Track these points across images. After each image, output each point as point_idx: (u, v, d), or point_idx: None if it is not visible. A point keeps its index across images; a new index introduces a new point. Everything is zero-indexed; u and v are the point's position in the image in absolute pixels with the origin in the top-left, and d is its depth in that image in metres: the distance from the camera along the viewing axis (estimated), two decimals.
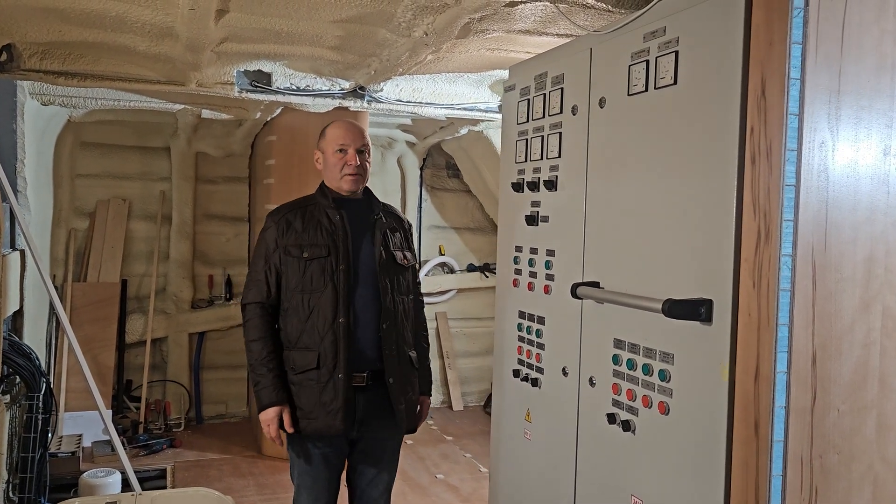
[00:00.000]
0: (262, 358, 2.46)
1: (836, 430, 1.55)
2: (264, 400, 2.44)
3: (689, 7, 1.68)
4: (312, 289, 2.45)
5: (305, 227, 2.50)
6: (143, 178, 5.38)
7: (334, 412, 2.42)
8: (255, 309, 2.50)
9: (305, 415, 2.45)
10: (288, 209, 2.57)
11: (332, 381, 2.42)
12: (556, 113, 2.24)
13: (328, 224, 2.50)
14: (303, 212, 2.54)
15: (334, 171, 2.54)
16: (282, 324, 2.53)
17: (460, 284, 6.11)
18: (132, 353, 5.30)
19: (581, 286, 2.01)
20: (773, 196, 1.45)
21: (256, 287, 2.51)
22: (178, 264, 5.36)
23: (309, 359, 2.44)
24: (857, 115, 1.52)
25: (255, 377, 2.47)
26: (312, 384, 2.44)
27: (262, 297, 2.50)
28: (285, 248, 2.48)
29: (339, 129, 2.57)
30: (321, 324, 2.44)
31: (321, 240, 2.48)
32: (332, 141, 2.56)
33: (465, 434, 5.42)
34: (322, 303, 2.44)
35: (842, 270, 1.53)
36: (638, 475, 1.86)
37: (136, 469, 4.20)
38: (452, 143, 5.61)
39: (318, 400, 2.43)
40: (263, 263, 2.52)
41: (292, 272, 2.48)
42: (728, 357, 1.57)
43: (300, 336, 2.47)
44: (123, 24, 2.97)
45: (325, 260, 2.45)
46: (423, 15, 2.72)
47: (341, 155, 2.53)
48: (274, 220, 2.54)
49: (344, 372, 2.42)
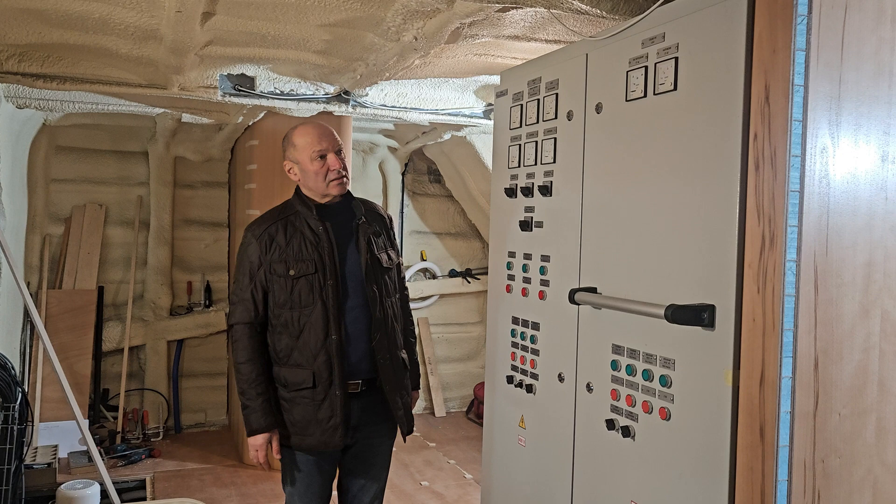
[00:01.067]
0: (251, 381, 2.39)
1: (837, 434, 1.56)
2: (254, 425, 2.38)
3: (689, 14, 1.69)
4: (302, 306, 2.39)
5: (289, 241, 2.41)
6: (120, 183, 5.28)
7: (332, 428, 2.38)
8: (244, 329, 2.42)
9: (300, 430, 2.40)
10: (268, 222, 2.46)
11: (329, 399, 2.38)
12: (551, 118, 2.24)
13: (312, 236, 2.42)
14: (284, 224, 2.44)
15: (317, 179, 2.44)
16: (270, 340, 2.45)
17: (442, 290, 6.09)
18: (109, 362, 5.20)
19: (579, 292, 2.00)
20: (777, 202, 1.46)
21: (243, 306, 2.42)
22: (156, 271, 5.27)
23: (302, 377, 2.39)
24: (857, 121, 1.54)
25: (245, 401, 2.40)
26: (307, 402, 2.39)
27: (250, 316, 2.41)
28: (270, 265, 2.40)
29: (311, 136, 2.44)
30: (313, 342, 2.38)
31: (307, 254, 2.39)
32: (305, 149, 2.43)
33: (448, 440, 5.39)
34: (313, 320, 2.38)
35: (842, 275, 1.54)
36: (638, 481, 1.86)
37: (115, 480, 4.11)
38: (434, 148, 5.60)
39: (314, 417, 2.39)
40: (248, 281, 2.42)
41: (279, 290, 2.40)
42: (731, 362, 1.58)
43: (291, 353, 2.41)
44: (106, 26, 2.92)
45: (313, 276, 2.38)
46: (413, 19, 2.71)
47: (322, 162, 2.42)
48: (255, 236, 2.44)
49: (340, 388, 2.38)
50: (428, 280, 6.07)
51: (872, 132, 1.55)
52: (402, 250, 5.98)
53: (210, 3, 2.65)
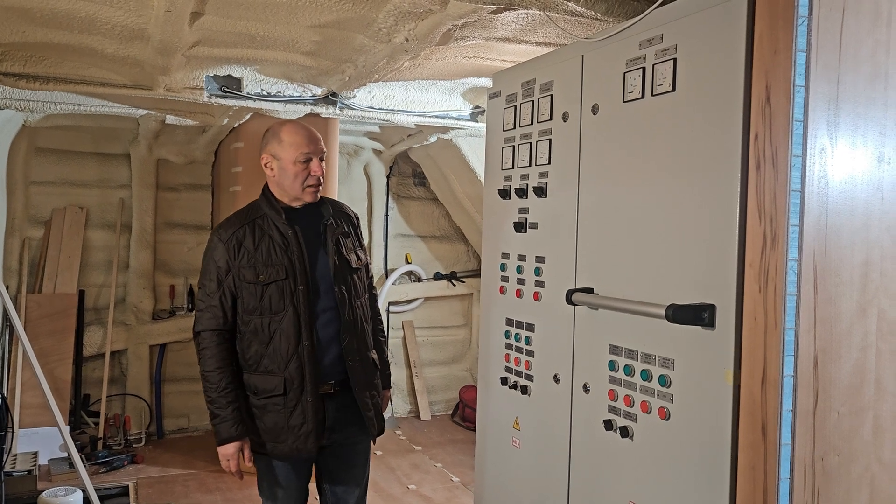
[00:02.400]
0: (220, 389, 2.32)
1: (836, 432, 1.57)
2: (223, 434, 2.32)
3: (688, 15, 1.70)
4: (272, 312, 2.33)
5: (257, 246, 2.35)
6: (102, 186, 5.20)
7: (305, 435, 2.35)
8: (211, 337, 2.35)
9: (273, 438, 2.36)
10: (235, 226, 2.39)
11: (301, 405, 2.34)
12: (546, 119, 2.24)
13: (281, 240, 2.36)
14: (252, 227, 2.38)
15: (294, 182, 2.37)
16: (239, 347, 2.40)
17: (427, 293, 6.08)
18: (90, 367, 5.11)
19: (576, 292, 2.01)
20: (779, 201, 1.47)
21: (210, 313, 2.35)
22: (138, 274, 5.19)
23: (273, 384, 2.34)
24: (854, 122, 1.56)
25: (214, 409, 2.34)
26: (279, 409, 2.35)
27: (218, 323, 2.35)
28: (239, 270, 2.33)
29: (301, 137, 2.37)
30: (285, 348, 2.33)
31: (276, 259, 2.34)
32: (292, 148, 2.35)
33: (434, 443, 5.37)
34: (284, 326, 2.33)
35: (840, 275, 1.56)
36: (636, 481, 1.86)
37: (97, 487, 4.04)
38: (420, 151, 5.59)
39: (285, 424, 2.35)
40: (216, 287, 2.35)
41: (248, 296, 2.34)
42: (732, 361, 1.58)
43: (261, 360, 2.36)
44: (92, 26, 2.87)
45: (284, 283, 2.33)
46: (405, 21, 2.70)
47: (304, 166, 2.36)
48: (222, 240, 2.36)
49: (312, 394, 2.34)
50: (413, 283, 6.05)
51: (869, 133, 1.57)
52: (387, 253, 5.96)
53: (199, 3, 2.62)
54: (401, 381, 5.95)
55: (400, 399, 6.02)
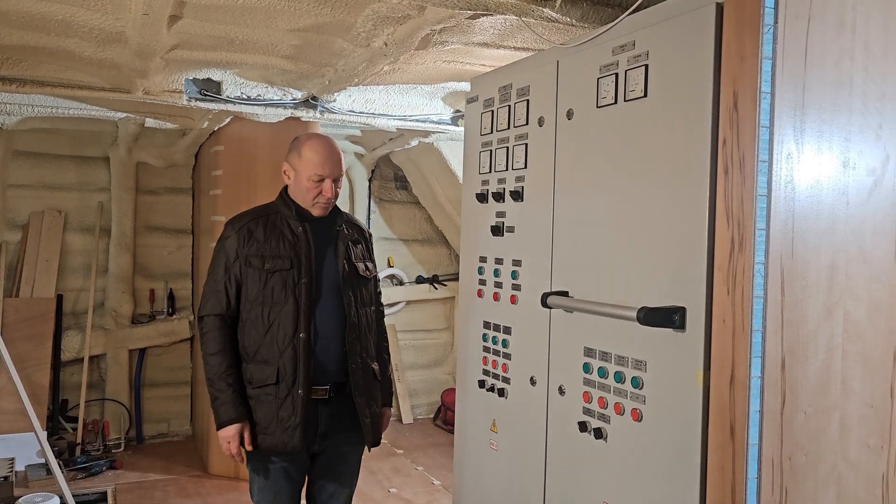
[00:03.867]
0: (220, 372, 2.39)
1: (803, 432, 1.60)
2: (223, 416, 2.37)
3: (659, 22, 1.73)
4: (273, 302, 2.40)
5: (267, 237, 2.44)
6: (80, 189, 5.17)
7: (292, 429, 2.36)
8: (214, 321, 2.42)
9: (262, 430, 2.40)
10: (249, 217, 2.49)
11: (291, 397, 2.37)
12: (522, 124, 2.26)
13: (291, 236, 2.44)
14: (265, 221, 2.47)
15: (306, 195, 2.46)
16: (240, 336, 2.46)
17: (409, 296, 6.09)
18: (68, 372, 5.07)
19: (552, 295, 2.03)
20: (746, 205, 1.50)
21: (216, 297, 2.43)
22: (117, 278, 5.16)
23: (267, 373, 2.38)
24: (820, 128, 1.59)
25: (214, 392, 2.39)
26: (270, 399, 2.38)
27: (222, 308, 2.42)
28: (246, 258, 2.42)
29: (319, 156, 2.43)
30: (281, 338, 2.38)
31: (284, 251, 2.42)
32: (309, 166, 2.42)
33: (415, 447, 5.38)
34: (282, 317, 2.39)
35: (807, 277, 1.59)
36: (610, 482, 1.88)
37: (75, 493, 4.01)
38: (401, 154, 5.60)
39: (275, 415, 2.38)
40: (223, 273, 2.44)
41: (252, 283, 2.41)
42: (702, 363, 1.61)
43: (258, 349, 2.41)
44: (69, 29, 2.86)
45: (288, 273, 2.40)
46: (384, 25, 2.71)
47: (317, 185, 2.43)
48: (234, 229, 2.46)
49: (303, 388, 2.37)
50: (395, 287, 6.06)
51: (835, 139, 1.60)
52: None
53: (177, 6, 2.62)
54: None
55: None
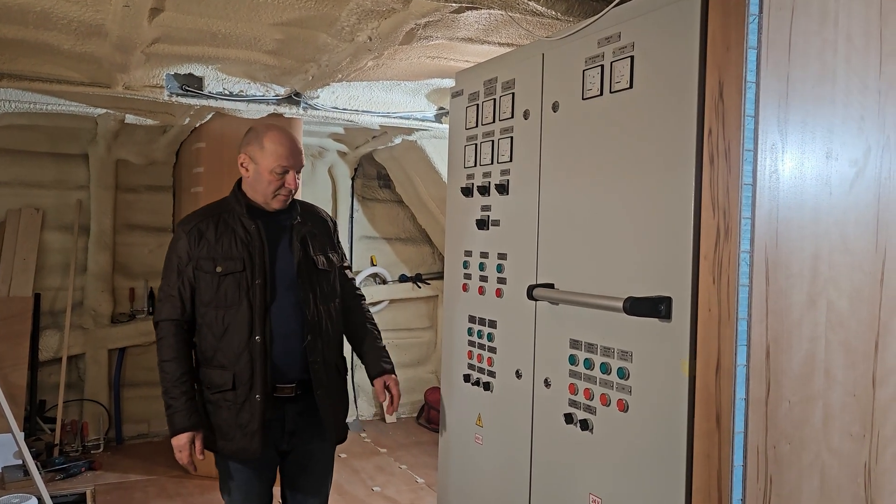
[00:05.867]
0: (174, 380, 2.32)
1: (787, 421, 1.61)
2: (177, 425, 2.32)
3: (644, 13, 1.74)
4: (227, 305, 2.33)
5: (219, 237, 2.35)
6: (59, 187, 5.09)
7: (251, 434, 2.32)
8: (169, 327, 2.35)
9: (223, 435, 2.36)
10: (199, 218, 2.41)
11: (249, 402, 2.32)
12: (508, 117, 2.26)
13: (244, 234, 2.36)
14: (216, 220, 2.38)
15: (266, 188, 2.37)
16: (196, 340, 2.40)
17: (392, 295, 6.07)
18: (46, 372, 4.99)
19: (537, 288, 2.03)
20: (732, 194, 1.51)
21: (170, 303, 2.36)
22: (96, 277, 5.09)
23: (224, 378, 2.33)
24: (804, 119, 1.60)
25: (168, 400, 2.34)
26: (229, 404, 2.34)
27: (177, 314, 2.35)
28: (197, 261, 2.34)
29: (283, 148, 2.36)
30: (236, 342, 2.32)
31: (236, 252, 2.34)
32: (272, 157, 2.35)
33: (399, 446, 5.36)
34: (237, 320, 2.32)
35: (791, 267, 1.60)
36: (596, 473, 1.88)
37: (53, 494, 3.94)
38: (384, 152, 5.59)
39: (234, 421, 2.34)
40: (176, 278, 2.36)
41: (206, 287, 2.34)
42: (688, 352, 1.61)
43: (215, 354, 2.35)
44: (48, 21, 2.82)
45: (241, 275, 2.33)
46: (368, 19, 2.70)
47: (280, 177, 2.36)
48: (185, 231, 2.38)
49: (261, 392, 2.32)
50: (378, 285, 6.04)
51: (818, 130, 1.62)
52: (352, 255, 5.93)
53: None
54: (365, 384, 5.92)
55: (365, 401, 5.99)
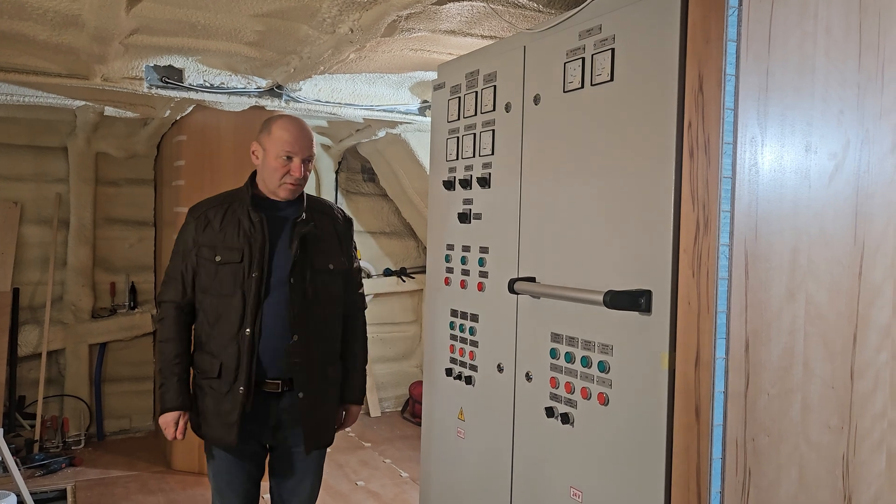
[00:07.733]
0: (169, 360, 2.39)
1: (766, 414, 1.62)
2: (167, 403, 2.38)
3: (624, 5, 1.73)
4: (222, 294, 2.35)
5: (223, 226, 2.38)
6: (37, 180, 5.03)
7: (229, 425, 2.33)
8: (170, 308, 2.42)
9: (205, 420, 2.41)
10: (210, 205, 2.45)
11: (231, 393, 2.33)
12: (489, 110, 2.25)
13: (248, 226, 2.37)
14: (224, 209, 2.42)
15: (273, 175, 2.38)
16: (196, 324, 2.46)
17: (377, 289, 6.05)
18: (25, 367, 4.93)
19: (518, 281, 2.02)
20: (711, 187, 1.50)
21: (173, 285, 2.43)
22: (76, 271, 5.03)
23: (212, 365, 2.36)
24: (783, 112, 1.60)
25: (161, 378, 2.40)
26: (213, 392, 2.37)
27: (178, 296, 2.42)
28: (200, 248, 2.39)
29: (289, 134, 2.36)
30: (227, 332, 2.34)
31: (237, 243, 2.35)
32: (277, 143, 2.35)
33: (383, 440, 5.36)
34: (230, 310, 2.34)
35: (770, 260, 1.60)
36: (577, 466, 1.88)
37: (33, 490, 3.91)
38: (368, 146, 5.56)
39: (216, 409, 2.37)
40: (181, 261, 2.43)
41: (205, 274, 2.38)
42: (668, 345, 1.61)
43: (208, 340, 2.39)
44: (23, 11, 2.76)
45: (238, 266, 2.34)
46: (350, 11, 2.67)
47: (285, 162, 2.36)
48: (194, 217, 2.44)
49: (245, 384, 2.31)
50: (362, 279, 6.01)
51: (797, 123, 1.62)
52: None
53: None
54: None
55: None
